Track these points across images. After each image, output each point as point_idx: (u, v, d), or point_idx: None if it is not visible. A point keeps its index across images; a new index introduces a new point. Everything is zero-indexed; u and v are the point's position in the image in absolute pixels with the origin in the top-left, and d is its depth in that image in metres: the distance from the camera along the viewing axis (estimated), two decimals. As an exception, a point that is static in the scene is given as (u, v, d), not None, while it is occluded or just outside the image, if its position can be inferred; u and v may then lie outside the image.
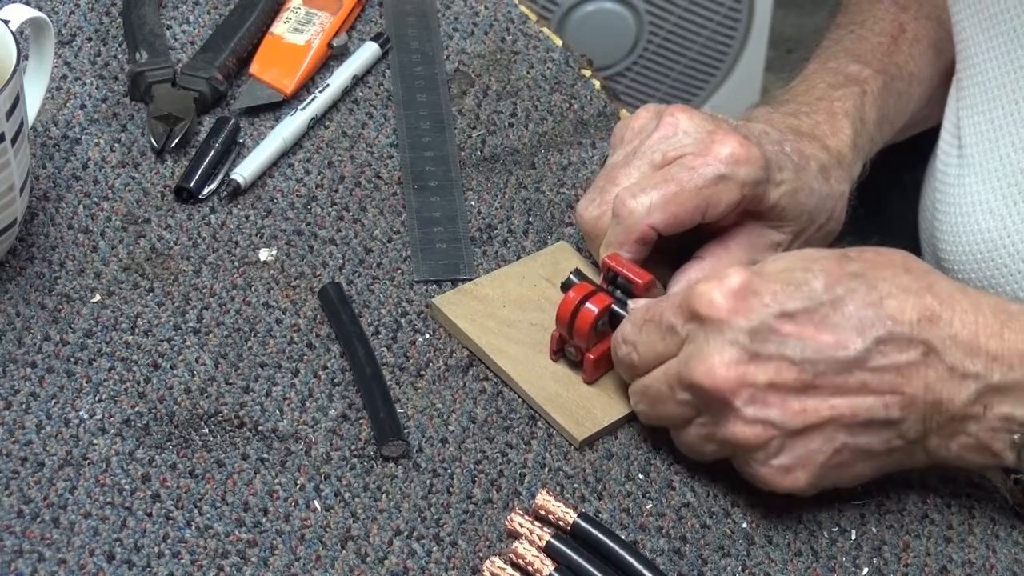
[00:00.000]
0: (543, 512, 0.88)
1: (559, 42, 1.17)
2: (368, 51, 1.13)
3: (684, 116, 0.96)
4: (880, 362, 0.85)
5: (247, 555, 0.86)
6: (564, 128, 1.11)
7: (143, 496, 0.87)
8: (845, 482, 0.89)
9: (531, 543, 0.86)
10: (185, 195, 1.02)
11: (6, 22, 0.93)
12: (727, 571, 0.88)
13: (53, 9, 1.12)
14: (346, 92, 1.11)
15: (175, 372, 0.93)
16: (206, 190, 1.03)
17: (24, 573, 0.84)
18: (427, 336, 0.97)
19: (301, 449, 0.91)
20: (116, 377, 0.93)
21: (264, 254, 1.00)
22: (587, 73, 1.15)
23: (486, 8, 1.18)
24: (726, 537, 0.90)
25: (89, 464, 0.88)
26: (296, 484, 0.89)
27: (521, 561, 0.86)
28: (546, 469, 0.91)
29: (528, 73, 1.14)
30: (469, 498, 0.90)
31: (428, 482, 0.90)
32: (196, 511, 0.87)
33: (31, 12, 0.95)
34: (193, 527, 0.86)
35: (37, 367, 0.92)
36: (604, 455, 0.93)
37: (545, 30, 1.17)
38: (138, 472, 0.88)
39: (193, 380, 0.93)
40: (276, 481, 0.89)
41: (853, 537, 0.91)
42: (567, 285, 0.95)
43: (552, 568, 0.85)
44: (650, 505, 0.91)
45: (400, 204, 1.04)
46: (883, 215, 1.23)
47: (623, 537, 0.88)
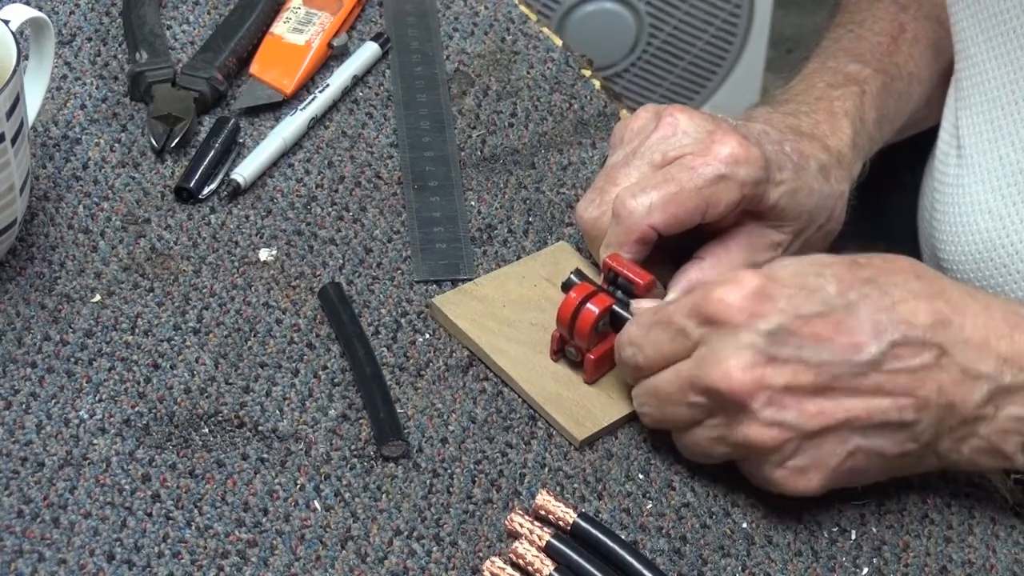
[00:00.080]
0: (543, 512, 0.88)
1: (559, 42, 1.17)
2: (368, 51, 1.13)
3: (684, 116, 0.96)
4: (895, 365, 0.85)
5: (247, 555, 0.86)
6: (564, 128, 1.11)
7: (143, 496, 0.87)
8: (855, 485, 0.90)
9: (531, 543, 0.86)
10: (185, 195, 1.02)
11: (6, 22, 0.93)
12: (727, 571, 0.88)
13: (53, 9, 1.12)
14: (346, 92, 1.11)
15: (175, 372, 0.93)
16: (206, 190, 1.03)
17: (24, 573, 0.84)
18: (427, 336, 0.97)
19: (301, 449, 0.91)
20: (116, 377, 0.93)
21: (264, 254, 1.00)
22: (587, 73, 1.15)
23: (486, 8, 1.18)
24: (726, 537, 0.90)
25: (89, 464, 0.88)
26: (296, 484, 0.89)
27: (521, 561, 0.86)
28: (546, 469, 0.91)
29: (528, 73, 1.14)
30: (469, 498, 0.90)
31: (428, 482, 0.90)
32: (196, 511, 0.87)
33: (31, 12, 0.95)
34: (193, 527, 0.86)
35: (37, 367, 0.92)
36: (604, 455, 0.93)
37: (545, 30, 1.17)
38: (138, 472, 0.88)
39: (193, 380, 0.93)
40: (276, 481, 0.89)
41: (853, 537, 0.91)
42: (567, 285, 0.95)
43: (552, 568, 0.85)
44: (650, 505, 0.91)
45: (400, 204, 1.04)
46: (883, 215, 1.23)
47: (623, 537, 0.88)
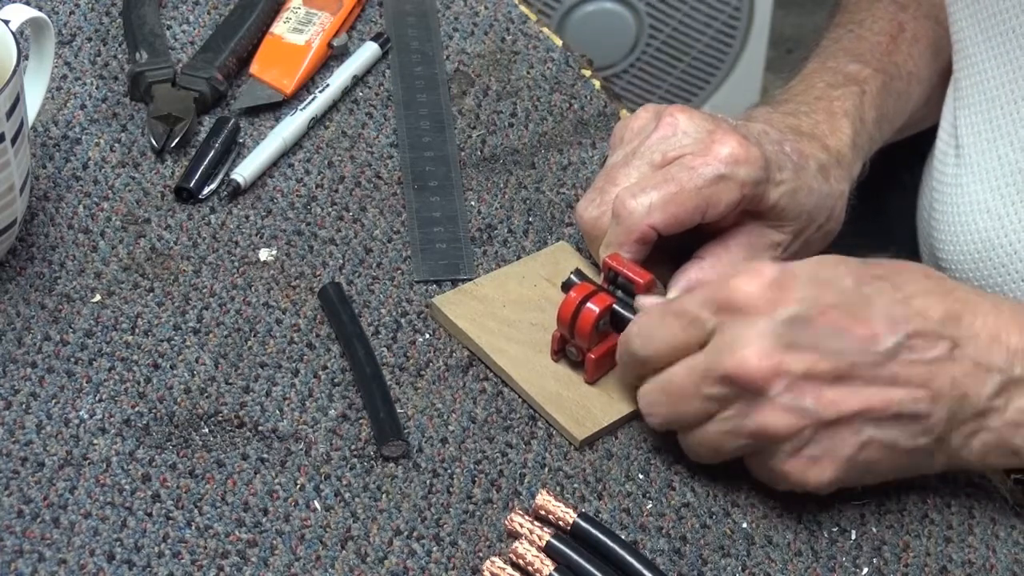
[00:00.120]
0: (543, 512, 0.88)
1: (559, 42, 1.17)
2: (368, 51, 1.13)
3: (683, 116, 0.96)
4: (910, 356, 0.86)
5: (247, 555, 0.86)
6: (564, 128, 1.11)
7: (143, 496, 0.87)
8: (866, 481, 0.89)
9: (531, 543, 0.86)
10: (185, 195, 1.02)
11: (6, 22, 0.93)
12: (727, 571, 0.88)
13: (53, 9, 1.12)
14: (346, 92, 1.11)
15: (175, 372, 0.93)
16: (206, 190, 1.03)
17: (24, 573, 0.84)
18: (427, 336, 0.97)
19: (301, 449, 0.91)
20: (116, 377, 0.93)
21: (264, 254, 1.00)
22: (587, 73, 1.15)
23: (486, 8, 1.18)
24: (726, 537, 0.90)
25: (89, 464, 0.88)
26: (296, 484, 0.89)
27: (521, 561, 0.86)
28: (546, 469, 0.91)
29: (528, 73, 1.14)
30: (469, 498, 0.90)
31: (428, 482, 0.90)
32: (196, 511, 0.87)
33: (31, 12, 0.95)
34: (193, 527, 0.86)
35: (37, 367, 0.92)
36: (604, 455, 0.93)
37: (545, 30, 1.17)
38: (138, 472, 0.88)
39: (193, 380, 0.93)
40: (276, 481, 0.89)
41: (853, 537, 0.91)
42: (567, 285, 0.95)
43: (552, 568, 0.85)
44: (650, 505, 0.91)
45: (400, 204, 1.04)
46: (883, 215, 1.23)
47: (623, 537, 0.88)
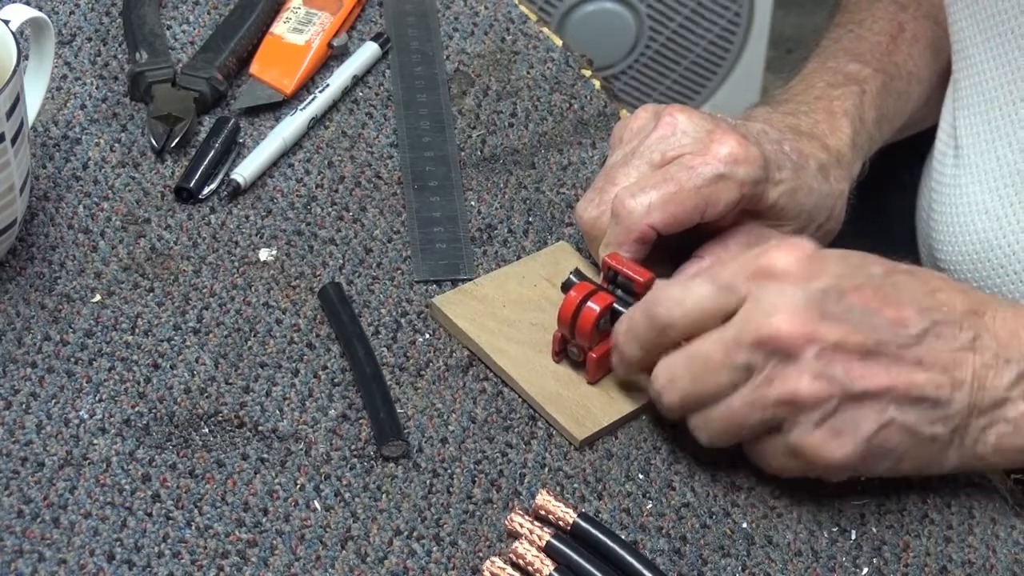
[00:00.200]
0: (543, 512, 0.88)
1: (559, 42, 1.17)
2: (368, 51, 1.13)
3: (683, 116, 0.96)
4: (935, 344, 0.87)
5: (247, 555, 0.86)
6: (564, 128, 1.11)
7: (143, 496, 0.87)
8: (878, 470, 0.89)
9: (531, 543, 0.86)
10: (185, 195, 1.02)
11: (6, 22, 0.93)
12: (727, 571, 0.88)
13: (53, 9, 1.12)
14: (346, 92, 1.11)
15: (175, 372, 0.93)
16: (206, 190, 1.03)
17: (24, 573, 0.84)
18: (427, 336, 0.97)
19: (301, 449, 0.91)
20: (116, 377, 0.93)
21: (264, 254, 1.00)
22: (587, 73, 1.15)
23: (486, 8, 1.18)
24: (726, 537, 0.90)
25: (89, 464, 0.88)
26: (296, 484, 0.89)
27: (521, 561, 0.86)
28: (546, 469, 0.91)
29: (528, 73, 1.14)
30: (469, 498, 0.90)
31: (428, 482, 0.90)
32: (196, 511, 0.87)
33: (31, 12, 0.95)
34: (193, 527, 0.86)
35: (37, 367, 0.92)
36: (604, 455, 0.93)
37: (545, 30, 1.17)
38: (138, 472, 0.88)
39: (193, 380, 0.93)
40: (276, 481, 0.89)
41: (853, 537, 0.91)
42: (567, 285, 0.95)
43: (552, 568, 0.85)
44: (650, 505, 0.91)
45: (400, 204, 1.04)
46: (883, 215, 1.23)
47: (623, 537, 0.88)
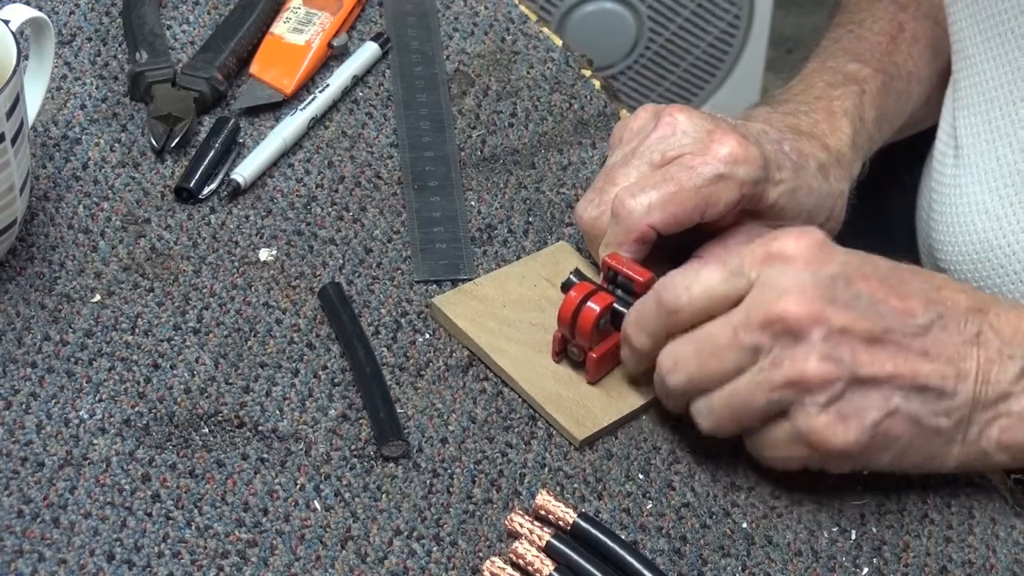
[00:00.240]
0: (543, 512, 0.88)
1: (559, 42, 1.17)
2: (368, 51, 1.13)
3: (683, 116, 0.96)
4: (941, 335, 0.87)
5: (247, 555, 0.86)
6: (564, 128, 1.11)
7: (143, 496, 0.87)
8: (881, 462, 0.89)
9: (531, 543, 0.86)
10: (185, 195, 1.02)
11: (6, 22, 0.93)
12: (727, 571, 0.88)
13: (53, 9, 1.12)
14: (346, 92, 1.11)
15: (175, 372, 0.93)
16: (206, 190, 1.03)
17: (24, 573, 0.84)
18: (427, 336, 0.97)
19: (301, 449, 0.91)
20: (116, 377, 0.93)
21: (264, 254, 1.00)
22: (587, 73, 1.15)
23: (486, 8, 1.18)
24: (726, 537, 0.90)
25: (89, 464, 0.88)
26: (296, 484, 0.89)
27: (521, 561, 0.86)
28: (546, 469, 0.91)
29: (528, 73, 1.14)
30: (469, 498, 0.90)
31: (428, 482, 0.90)
32: (196, 511, 0.87)
33: (31, 12, 0.95)
34: (193, 527, 0.86)
35: (37, 367, 0.92)
36: (604, 455, 0.93)
37: (545, 30, 1.17)
38: (138, 472, 0.88)
39: (193, 380, 0.93)
40: (276, 481, 0.89)
41: (853, 537, 0.91)
42: (567, 285, 0.95)
43: (552, 568, 0.85)
44: (650, 505, 0.91)
45: (400, 204, 1.04)
46: (883, 215, 1.23)
47: (623, 537, 0.88)
